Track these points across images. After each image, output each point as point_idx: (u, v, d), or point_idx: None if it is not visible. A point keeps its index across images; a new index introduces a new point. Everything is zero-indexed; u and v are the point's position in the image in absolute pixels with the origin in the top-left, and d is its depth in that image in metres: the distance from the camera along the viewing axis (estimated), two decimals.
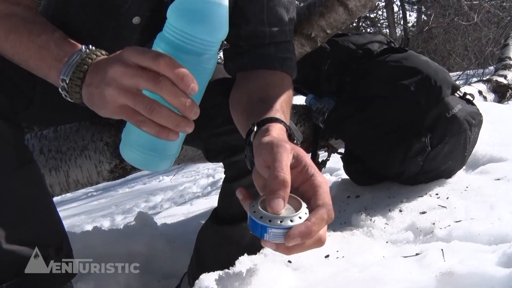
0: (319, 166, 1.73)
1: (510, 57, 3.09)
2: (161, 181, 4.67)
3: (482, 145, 1.71)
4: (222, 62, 1.08)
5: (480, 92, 2.62)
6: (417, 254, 0.99)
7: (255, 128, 0.78)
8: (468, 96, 1.54)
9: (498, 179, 1.44)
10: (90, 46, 0.77)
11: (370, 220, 1.28)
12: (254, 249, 1.12)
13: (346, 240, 1.18)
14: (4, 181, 0.87)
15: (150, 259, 1.54)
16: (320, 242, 0.64)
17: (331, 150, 1.83)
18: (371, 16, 14.48)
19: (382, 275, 0.85)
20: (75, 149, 1.44)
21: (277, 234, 0.60)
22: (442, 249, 0.96)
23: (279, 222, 0.60)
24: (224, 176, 1.18)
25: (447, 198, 1.34)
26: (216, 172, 4.30)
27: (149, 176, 5.11)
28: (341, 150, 1.83)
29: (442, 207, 1.28)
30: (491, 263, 0.85)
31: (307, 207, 0.63)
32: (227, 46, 1.07)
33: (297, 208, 0.63)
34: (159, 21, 0.75)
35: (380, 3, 12.62)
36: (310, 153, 1.66)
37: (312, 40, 1.41)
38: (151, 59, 0.65)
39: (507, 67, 2.98)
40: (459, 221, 1.16)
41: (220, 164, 1.18)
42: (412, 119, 1.42)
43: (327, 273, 0.92)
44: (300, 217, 0.61)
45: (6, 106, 0.90)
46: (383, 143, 1.45)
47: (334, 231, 1.24)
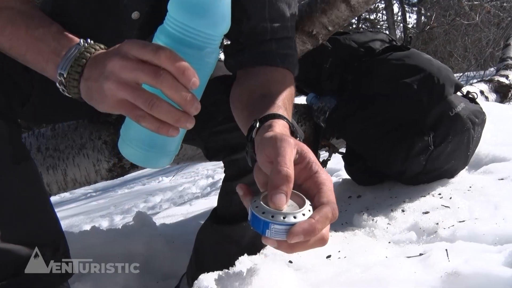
0: None
1: (511, 57, 3.07)
2: (161, 181, 4.67)
3: (485, 145, 1.69)
4: (223, 59, 1.07)
5: (481, 92, 2.60)
6: (420, 254, 0.97)
7: (257, 125, 0.76)
8: (471, 95, 1.53)
9: (502, 179, 1.43)
10: (89, 40, 0.75)
11: (372, 220, 1.26)
12: (254, 249, 1.10)
13: (348, 240, 1.17)
14: None
15: (149, 259, 1.53)
16: (323, 241, 0.62)
17: (332, 149, 1.81)
18: (371, 18, 14.49)
19: (386, 276, 0.83)
20: (73, 147, 1.42)
21: (279, 231, 0.58)
22: (446, 249, 0.94)
23: (281, 218, 0.59)
24: (224, 176, 1.17)
25: (450, 198, 1.32)
26: (215, 173, 4.29)
27: (149, 177, 5.11)
28: (342, 150, 1.82)
29: (445, 207, 1.26)
30: (497, 264, 0.84)
31: (310, 205, 0.62)
32: (228, 43, 1.06)
33: (301, 205, 0.61)
34: (159, 16, 0.74)
35: (380, 4, 12.63)
36: None
37: (314, 37, 1.39)
38: (151, 52, 0.63)
39: (508, 67, 2.97)
40: (463, 221, 1.14)
41: (220, 165, 1.16)
42: (414, 117, 1.40)
43: (329, 274, 0.90)
44: (303, 214, 0.59)
45: (2, 103, 0.88)
46: (385, 141, 1.43)
47: (335, 231, 1.23)
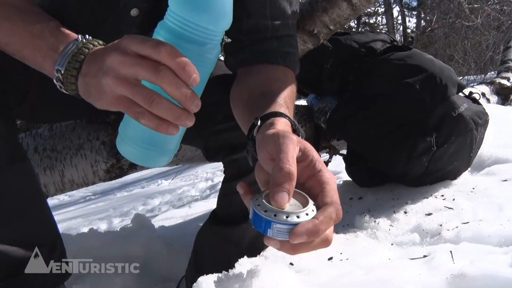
0: None
1: None
2: (160, 184, 4.66)
3: (487, 147, 1.68)
4: (222, 59, 1.05)
5: (483, 94, 2.59)
6: (424, 256, 0.95)
7: (259, 123, 0.74)
8: (474, 95, 1.51)
9: (505, 180, 1.41)
10: (87, 35, 0.74)
11: (374, 222, 1.25)
12: (254, 250, 1.09)
13: (350, 242, 1.15)
14: None
15: (147, 262, 1.50)
16: (326, 242, 0.60)
17: (333, 151, 1.79)
18: (371, 22, 14.53)
19: (390, 277, 0.81)
20: (71, 148, 1.40)
21: (281, 230, 0.56)
22: (450, 251, 0.93)
23: (284, 217, 0.56)
24: (223, 177, 1.15)
25: (453, 200, 1.31)
26: (215, 176, 4.28)
27: (148, 180, 5.10)
28: (343, 152, 1.80)
29: (449, 208, 1.24)
30: (504, 265, 0.82)
31: (314, 204, 0.60)
32: (228, 41, 1.04)
33: (304, 204, 0.59)
34: (158, 13, 0.72)
35: (379, 8, 12.66)
36: None
37: (315, 36, 1.37)
38: (151, 47, 0.62)
39: (510, 69, 2.96)
40: (467, 222, 1.12)
41: (219, 168, 1.15)
42: (416, 117, 1.38)
43: (331, 276, 0.88)
44: (307, 214, 0.57)
45: None
46: (387, 141, 1.42)
47: (337, 233, 1.21)
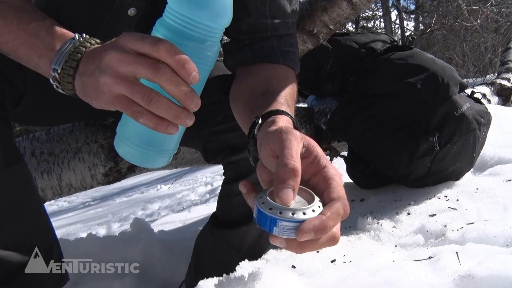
0: None
1: None
2: (159, 189, 4.64)
3: (490, 147, 1.66)
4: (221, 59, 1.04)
5: (484, 95, 2.58)
6: (430, 258, 0.93)
7: (260, 121, 0.73)
8: (476, 95, 1.50)
9: (509, 180, 1.39)
10: (84, 34, 0.72)
11: (377, 223, 1.22)
12: (255, 254, 1.07)
13: (353, 244, 1.13)
14: None
15: (146, 266, 1.49)
16: (334, 240, 0.58)
17: (334, 153, 1.77)
18: (369, 26, 14.56)
19: (395, 279, 0.79)
20: (68, 151, 1.38)
21: (287, 228, 0.54)
22: (456, 252, 0.90)
23: (290, 214, 0.54)
24: (223, 179, 1.13)
25: (457, 200, 1.29)
26: (214, 180, 4.26)
27: (147, 185, 5.08)
28: (344, 153, 1.78)
29: (453, 209, 1.22)
30: None
31: (320, 200, 0.58)
32: (227, 41, 1.02)
33: (309, 201, 0.57)
34: (156, 13, 0.71)
35: (377, 12, 12.68)
36: None
37: (315, 36, 1.36)
38: (150, 44, 0.60)
39: (510, 70, 2.95)
40: (472, 223, 1.10)
41: (219, 172, 1.13)
42: (419, 117, 1.37)
43: (335, 278, 0.86)
44: (313, 210, 0.55)
45: None
46: (389, 142, 1.40)
47: None
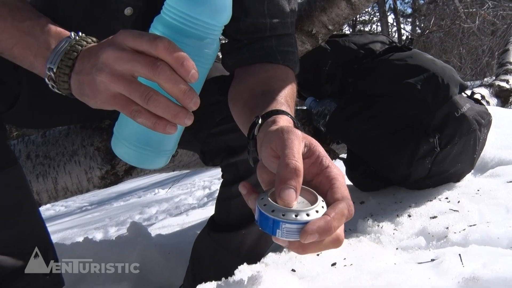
0: None
1: (511, 62, 3.05)
2: (157, 193, 4.62)
3: (490, 149, 1.65)
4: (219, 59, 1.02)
5: (482, 97, 2.57)
6: (432, 260, 0.92)
7: (260, 121, 0.71)
8: (476, 96, 1.48)
9: (511, 182, 1.38)
10: (80, 33, 0.70)
11: (378, 226, 1.21)
12: (254, 257, 1.06)
13: (353, 247, 1.11)
14: None
15: (144, 271, 1.47)
16: (337, 242, 0.56)
17: (333, 155, 1.76)
18: (366, 30, 14.61)
19: (398, 282, 0.77)
20: (64, 154, 1.37)
21: (291, 230, 0.53)
22: (459, 254, 0.89)
23: (294, 216, 0.53)
24: (221, 182, 1.11)
25: (458, 202, 1.27)
26: (212, 184, 4.24)
27: (144, 189, 5.06)
28: (343, 156, 1.76)
29: (454, 211, 1.21)
30: None
31: (323, 201, 0.56)
32: (225, 41, 1.01)
33: (312, 202, 0.56)
34: (153, 12, 0.70)
35: (374, 17, 12.73)
36: None
37: (313, 37, 1.35)
38: (148, 42, 0.59)
39: (508, 72, 2.95)
40: (474, 225, 1.09)
41: (217, 176, 1.11)
42: (419, 118, 1.35)
43: (336, 281, 0.84)
44: (317, 211, 0.54)
45: None
46: (389, 143, 1.38)
47: None
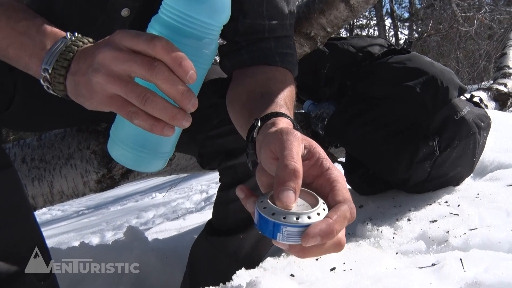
0: None
1: (509, 66, 3.05)
2: (154, 198, 4.59)
3: (489, 152, 1.64)
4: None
5: (480, 101, 2.56)
6: (433, 265, 0.90)
7: (259, 123, 0.70)
8: (475, 99, 1.48)
9: (510, 185, 1.37)
10: (76, 33, 0.69)
11: (377, 230, 1.19)
12: (252, 262, 1.04)
13: (353, 251, 1.10)
14: None
15: (140, 275, 1.45)
16: (339, 246, 0.55)
17: (331, 159, 1.75)
18: (363, 34, 14.67)
19: (399, 287, 0.76)
20: (60, 157, 1.35)
21: (292, 234, 0.51)
22: (460, 259, 0.88)
23: (295, 219, 0.51)
24: (219, 185, 1.10)
25: (458, 206, 1.26)
26: (209, 188, 4.22)
27: (141, 193, 5.04)
28: (341, 159, 1.75)
29: (454, 215, 1.20)
30: None
31: (324, 203, 0.55)
32: (223, 43, 1.00)
33: (313, 204, 0.54)
34: (150, 13, 0.69)
35: (371, 21, 12.77)
36: None
37: (312, 39, 1.34)
38: (145, 42, 0.58)
39: (506, 75, 2.94)
40: (475, 229, 1.08)
41: (214, 180, 1.10)
42: (418, 121, 1.34)
43: (336, 286, 0.83)
44: (318, 214, 0.52)
45: None
46: (388, 146, 1.37)
47: None
